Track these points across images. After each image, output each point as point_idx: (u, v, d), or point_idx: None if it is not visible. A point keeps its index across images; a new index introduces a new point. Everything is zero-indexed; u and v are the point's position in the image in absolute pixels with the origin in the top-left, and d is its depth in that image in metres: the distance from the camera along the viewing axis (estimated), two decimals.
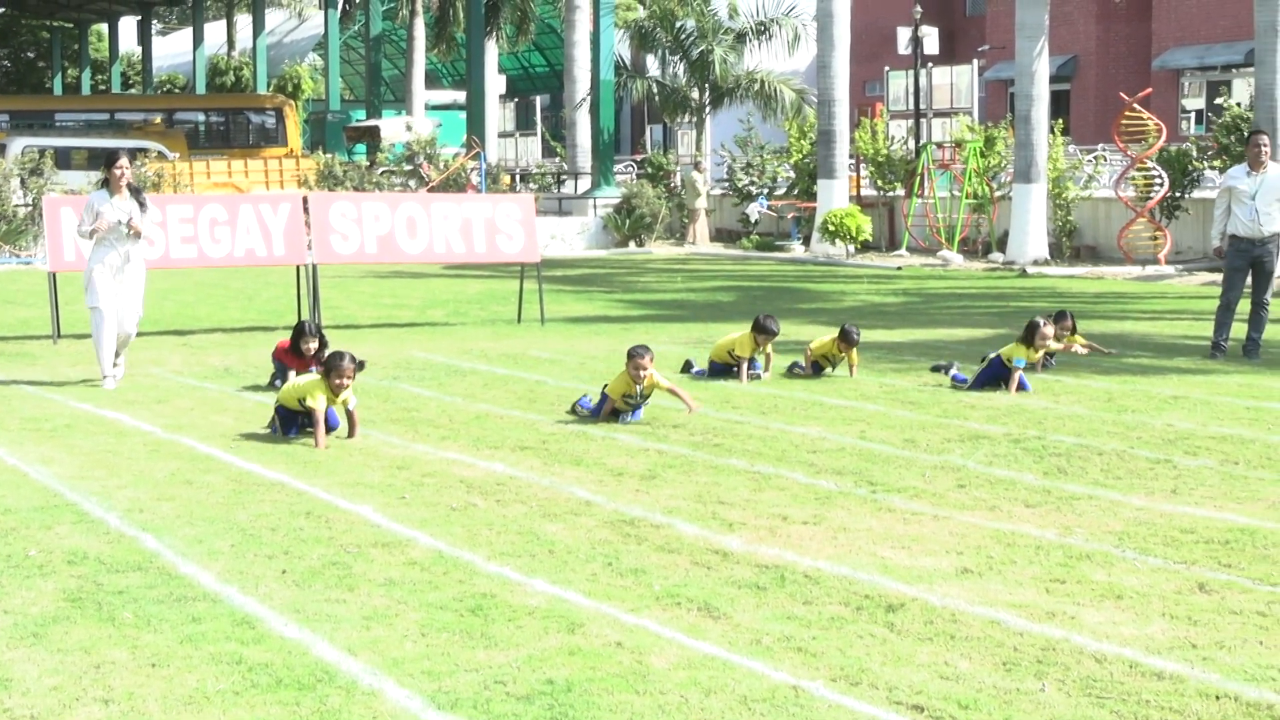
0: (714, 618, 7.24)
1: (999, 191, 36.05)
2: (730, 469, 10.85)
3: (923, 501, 9.76)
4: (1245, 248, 16.63)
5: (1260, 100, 29.20)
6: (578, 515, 9.40)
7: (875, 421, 12.81)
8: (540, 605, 7.43)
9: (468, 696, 6.18)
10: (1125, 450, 11.39)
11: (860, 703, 6.09)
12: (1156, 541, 8.65)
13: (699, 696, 6.15)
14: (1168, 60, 56.49)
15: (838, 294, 26.80)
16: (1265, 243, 16.57)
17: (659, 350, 17.63)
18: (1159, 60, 56.82)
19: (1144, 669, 6.44)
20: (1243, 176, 16.69)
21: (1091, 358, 16.63)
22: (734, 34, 47.40)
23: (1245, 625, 7.06)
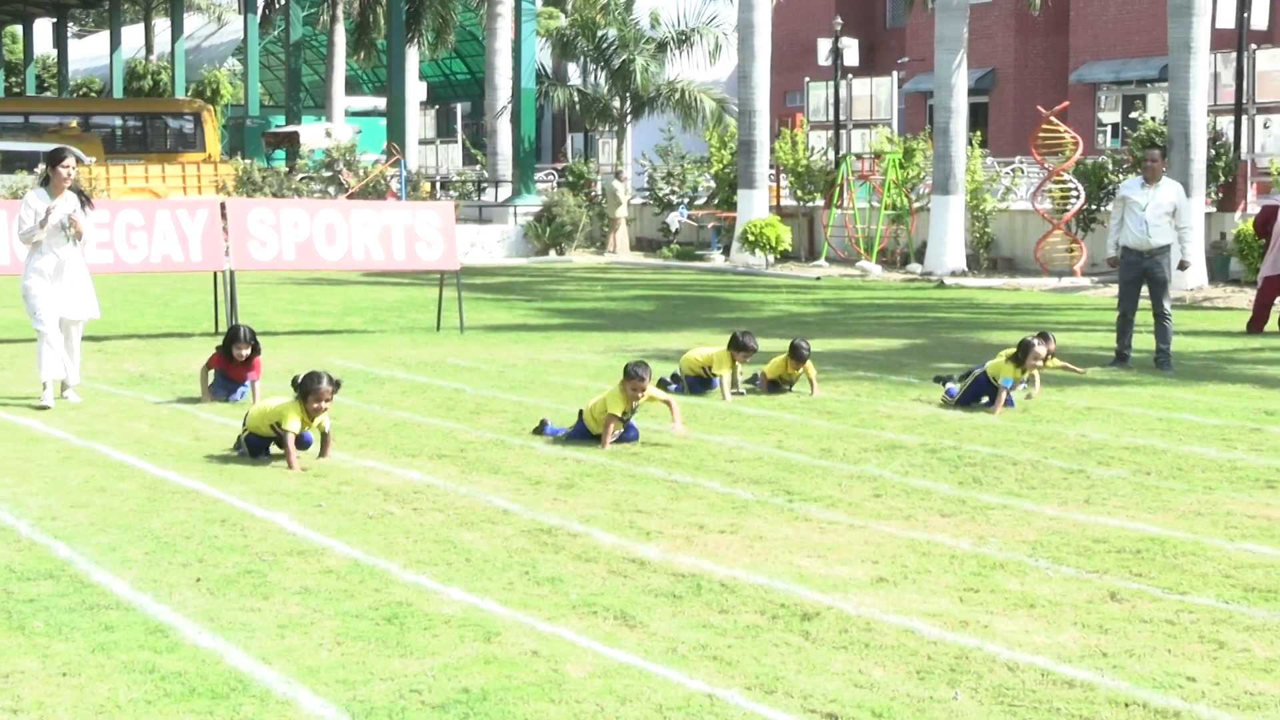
0: (630, 626, 7.25)
1: (917, 203, 36.24)
2: (648, 478, 10.86)
3: (839, 511, 9.80)
4: (1134, 259, 16.92)
5: (1174, 115, 29.51)
6: (495, 524, 9.39)
7: (792, 431, 12.86)
8: (456, 614, 7.42)
9: (383, 705, 6.16)
10: (1039, 460, 11.49)
11: (775, 711, 6.11)
12: (1069, 551, 8.73)
13: (615, 705, 6.16)
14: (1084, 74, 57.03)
15: (757, 304, 26.87)
16: (1154, 254, 16.82)
17: (579, 359, 17.67)
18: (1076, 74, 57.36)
19: (1055, 677, 6.50)
20: (1137, 188, 16.95)
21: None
22: (655, 43, 47.49)
23: (1155, 633, 7.14)
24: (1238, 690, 6.35)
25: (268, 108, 72.18)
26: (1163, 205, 16.75)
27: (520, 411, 13.84)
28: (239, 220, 20.15)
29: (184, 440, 12.24)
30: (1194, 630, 7.18)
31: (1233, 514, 9.68)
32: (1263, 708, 6.14)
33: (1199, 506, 9.92)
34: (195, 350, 17.85)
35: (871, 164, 37.47)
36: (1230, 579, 8.10)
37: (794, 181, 39.63)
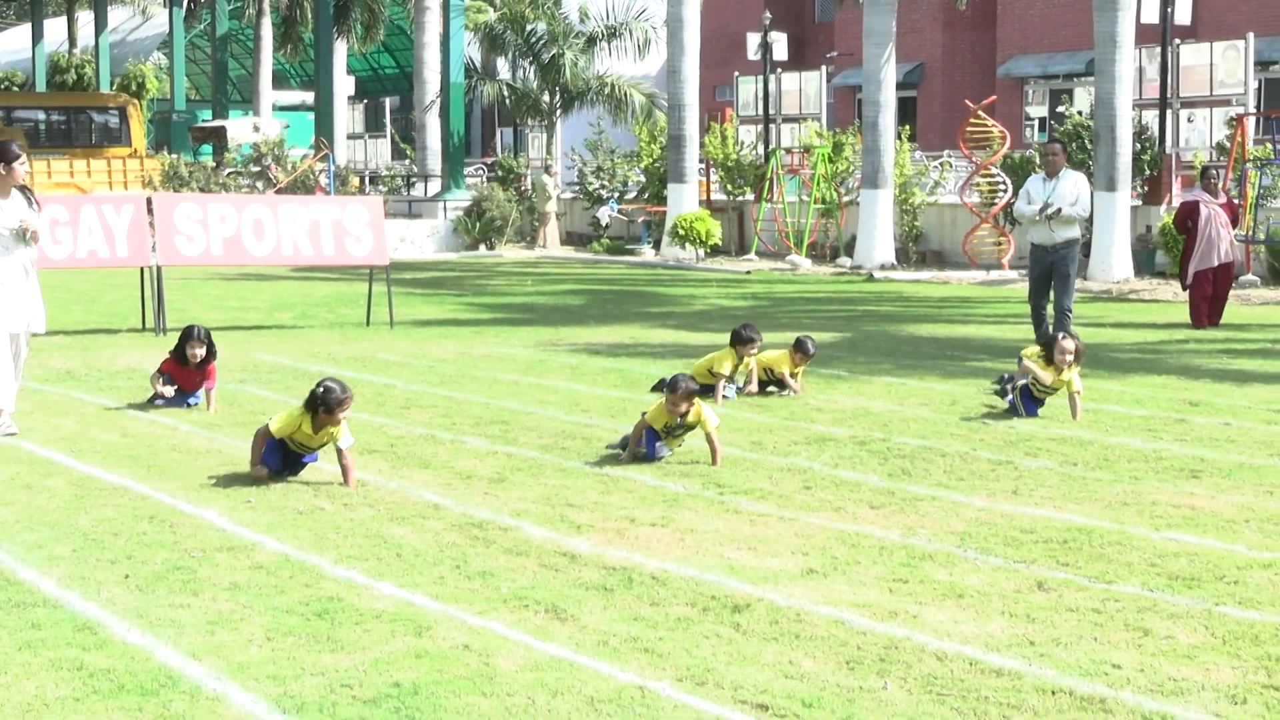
0: (561, 619, 7.27)
1: (847, 197, 36.39)
2: (579, 471, 10.88)
3: (769, 503, 9.85)
4: (1040, 255, 17.13)
5: (1100, 109, 29.76)
6: (425, 518, 9.39)
7: (723, 425, 12.85)
8: (387, 609, 7.41)
9: (313, 700, 6.16)
10: (968, 452, 11.58)
11: (706, 702, 6.14)
12: (997, 541, 8.81)
13: (546, 698, 6.18)
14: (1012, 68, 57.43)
15: (688, 298, 26.92)
16: (1059, 249, 17.02)
17: (509, 354, 17.66)
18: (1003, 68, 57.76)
19: (983, 666, 6.56)
20: (1039, 183, 17.18)
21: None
22: (585, 38, 47.40)
23: (1081, 622, 7.21)
24: (1162, 677, 6.43)
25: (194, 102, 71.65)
26: (1065, 198, 16.94)
27: (450, 406, 13.83)
28: (166, 216, 20.03)
29: (111, 437, 12.15)
30: (1119, 619, 7.27)
31: (1158, 504, 9.78)
32: (1186, 694, 6.22)
33: (1125, 497, 10.02)
34: (122, 347, 17.75)
35: (801, 158, 37.60)
36: (1155, 568, 8.20)
37: (724, 176, 39.73)
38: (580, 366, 16.78)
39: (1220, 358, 17.70)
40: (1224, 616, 7.30)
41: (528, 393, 14.77)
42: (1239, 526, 9.15)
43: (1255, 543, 8.75)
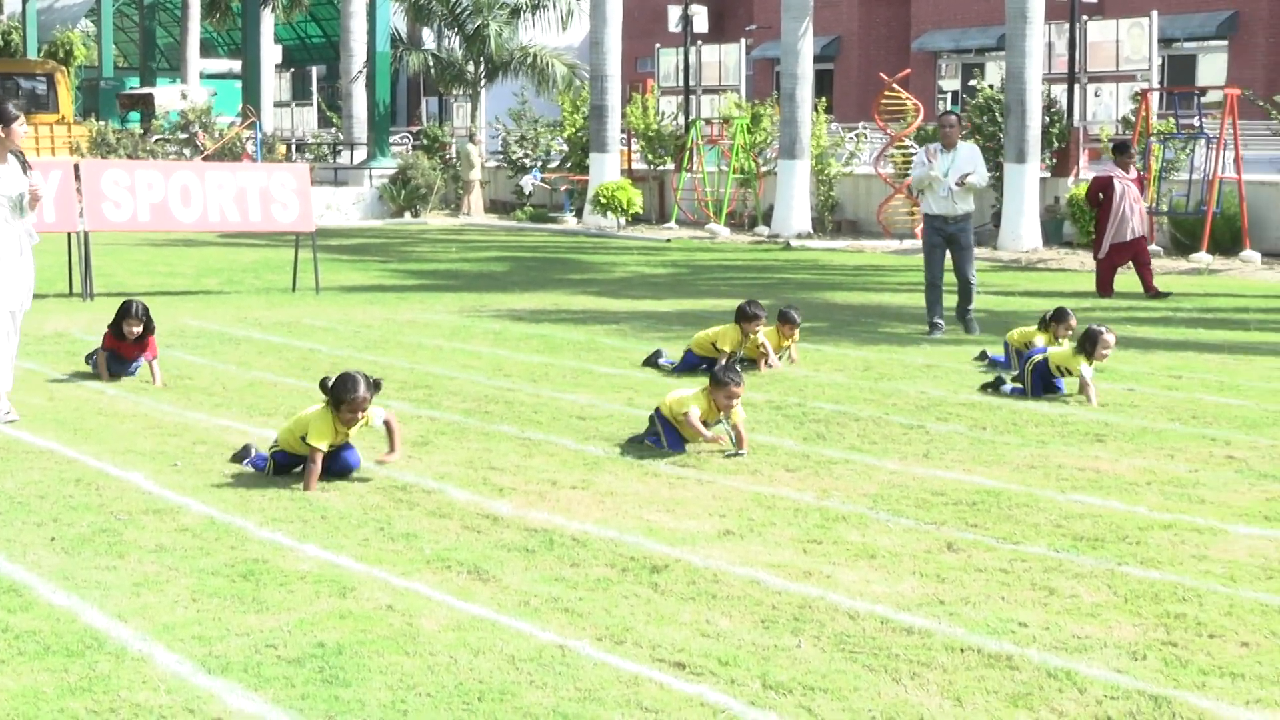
0: (483, 580, 7.25)
1: (765, 167, 36.43)
2: (501, 435, 10.85)
3: (687, 467, 9.86)
4: (940, 225, 16.63)
5: (1011, 83, 29.93)
6: (350, 481, 9.33)
7: (643, 389, 12.90)
8: (312, 570, 7.37)
9: (238, 660, 6.12)
10: (881, 416, 11.63)
11: (625, 661, 6.14)
12: (908, 503, 8.86)
13: (468, 657, 6.16)
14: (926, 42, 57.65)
15: (609, 265, 26.90)
16: (958, 220, 16.60)
17: (433, 320, 17.60)
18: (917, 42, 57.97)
19: (895, 624, 6.60)
20: (935, 151, 16.67)
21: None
22: (509, 9, 47.26)
23: (989, 582, 7.27)
24: (1066, 634, 6.49)
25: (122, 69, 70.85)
26: (963, 169, 16.51)
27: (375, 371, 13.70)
28: (93, 182, 19.81)
29: (39, 401, 12.01)
30: (1026, 578, 7.33)
31: (1064, 467, 9.87)
32: (1089, 650, 6.28)
33: (1032, 460, 10.10)
34: (49, 312, 17.53)
35: (720, 129, 37.62)
36: (1061, 529, 8.27)
37: (645, 146, 39.69)
38: (503, 332, 16.74)
39: (1124, 325, 17.84)
40: (1126, 576, 7.37)
41: (451, 357, 14.72)
42: (1141, 489, 9.24)
43: (1156, 504, 8.85)
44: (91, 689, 5.79)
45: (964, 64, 57.05)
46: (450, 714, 5.57)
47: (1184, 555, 7.76)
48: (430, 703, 5.69)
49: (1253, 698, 5.80)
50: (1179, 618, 6.73)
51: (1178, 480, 9.49)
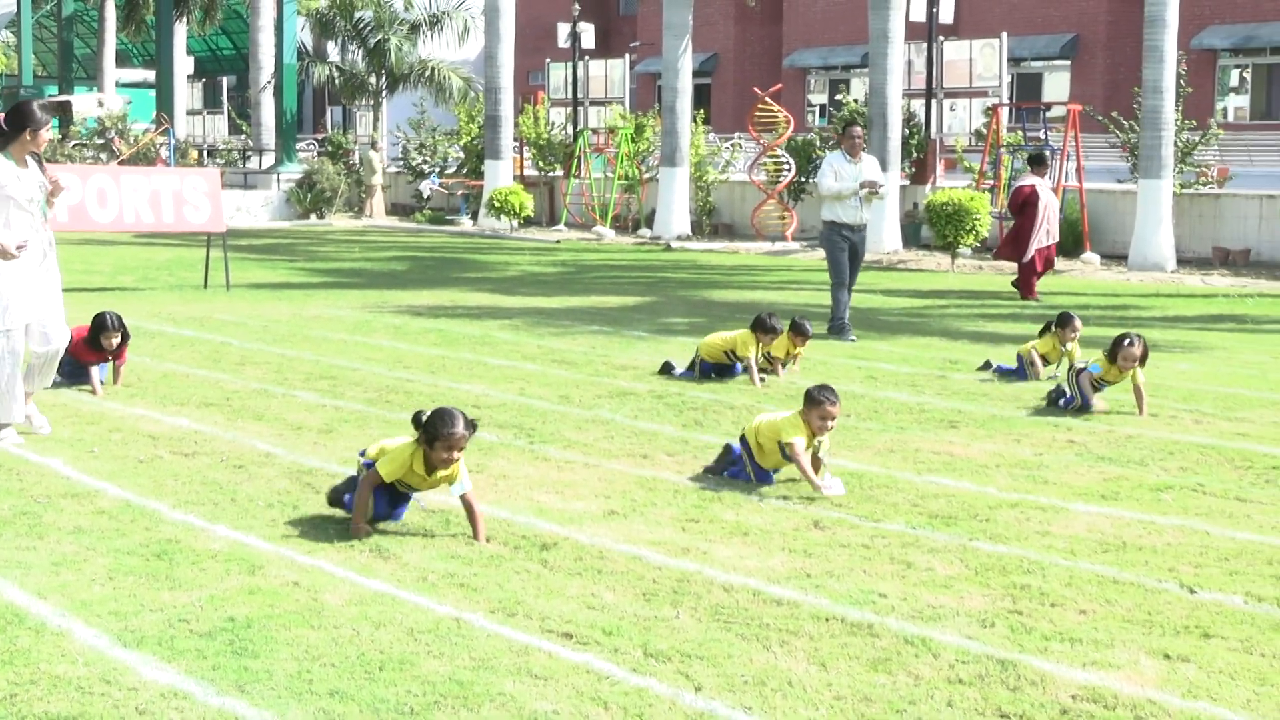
0: (384, 558, 7.22)
1: (647, 174, 36.49)
2: (401, 423, 10.73)
3: (575, 451, 9.87)
4: (847, 233, 16.00)
5: (874, 98, 30.19)
6: (259, 466, 9.26)
7: (534, 380, 12.90)
8: (223, 549, 7.31)
9: (153, 634, 6.05)
10: (753, 405, 11.68)
11: (516, 631, 6.15)
12: (779, 484, 8.91)
13: (369, 629, 6.14)
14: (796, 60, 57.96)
15: (502, 264, 26.83)
16: (861, 229, 16.13)
17: (338, 315, 17.46)
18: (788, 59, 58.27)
19: (765, 596, 6.65)
20: (844, 163, 15.96)
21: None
22: (409, 25, 46.95)
23: (852, 557, 7.34)
24: (922, 604, 6.57)
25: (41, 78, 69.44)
26: (872, 178, 16.04)
27: (282, 363, 13.64)
28: None
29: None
30: (886, 553, 7.41)
31: (920, 451, 9.98)
32: (943, 619, 6.37)
33: (891, 444, 10.20)
34: None
35: (606, 138, 37.62)
36: (918, 507, 8.37)
37: (536, 153, 39.61)
38: (403, 327, 16.66)
39: (977, 321, 18.10)
40: (977, 550, 7.48)
41: (354, 350, 14.63)
42: (991, 471, 9.37)
43: (1005, 485, 8.97)
44: (12, 662, 5.71)
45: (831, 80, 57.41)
46: (353, 683, 5.55)
47: (1029, 531, 7.88)
48: (334, 672, 5.66)
49: (1089, 660, 5.90)
50: (1024, 588, 6.84)
51: (1024, 463, 9.63)
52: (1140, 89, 26.89)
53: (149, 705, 5.32)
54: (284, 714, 5.26)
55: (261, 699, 5.40)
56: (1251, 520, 8.19)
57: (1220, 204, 27.89)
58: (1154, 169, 26.04)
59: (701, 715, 5.30)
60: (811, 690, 5.55)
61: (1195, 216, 27.84)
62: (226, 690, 5.47)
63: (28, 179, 9.73)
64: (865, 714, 5.33)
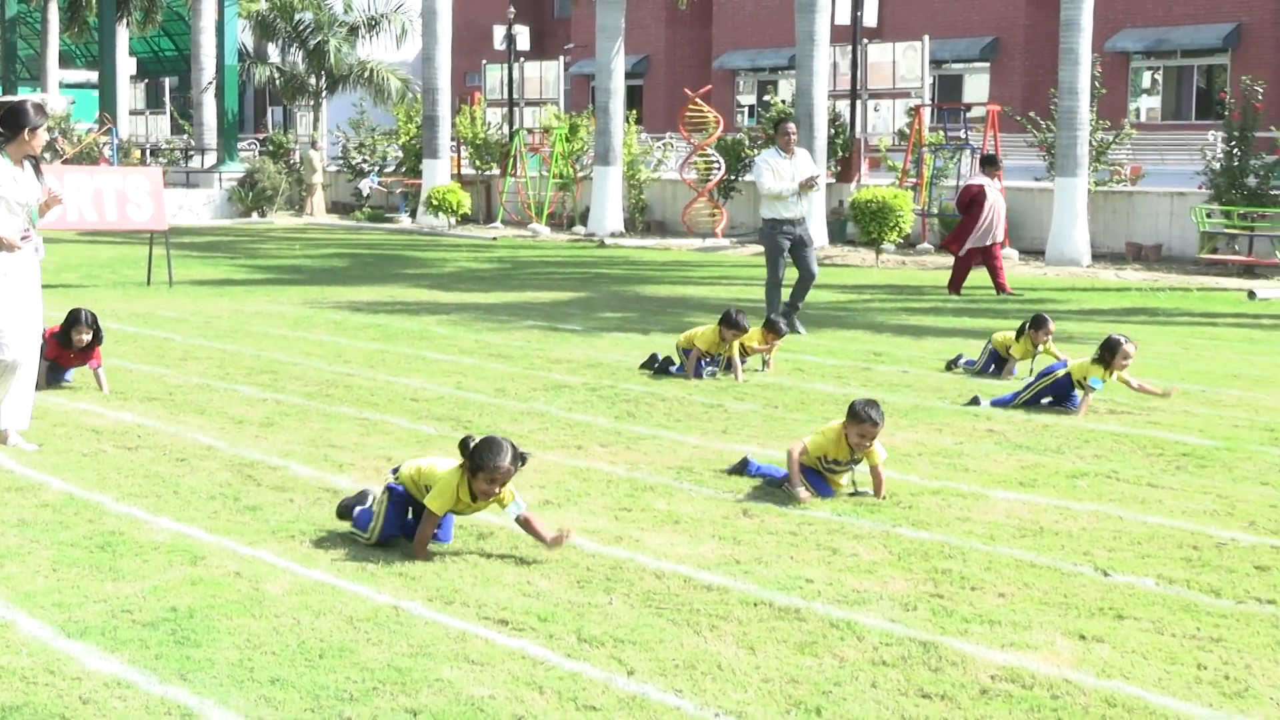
0: (324, 548, 7.18)
1: (581, 172, 36.47)
2: (341, 416, 10.75)
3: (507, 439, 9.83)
4: (789, 230, 15.66)
5: (800, 98, 30.29)
6: (201, 459, 9.19)
7: (471, 373, 12.86)
8: (165, 540, 7.24)
9: (96, 625, 6.00)
10: (684, 397, 11.71)
11: (453, 619, 6.13)
12: (709, 474, 8.93)
13: (310, 618, 6.11)
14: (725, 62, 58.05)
15: (440, 261, 26.74)
16: (801, 222, 15.80)
17: (279, 311, 17.35)
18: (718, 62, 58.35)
19: (696, 582, 6.65)
20: (779, 159, 15.57)
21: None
22: (348, 27, 46.74)
23: (780, 544, 7.36)
24: (847, 589, 6.60)
25: None
26: (807, 172, 15.75)
27: (224, 358, 13.54)
28: None
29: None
30: (812, 540, 7.43)
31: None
32: (867, 603, 6.40)
33: None
34: None
35: (541, 138, 37.58)
36: (844, 496, 8.40)
37: (473, 153, 39.53)
38: (343, 322, 16.58)
39: (900, 315, 18.20)
40: (900, 536, 7.52)
41: (295, 345, 14.54)
42: (914, 459, 9.42)
43: (927, 473, 9.02)
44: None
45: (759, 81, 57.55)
46: (294, 670, 5.52)
47: (950, 517, 7.93)
48: (275, 660, 5.63)
49: (1008, 641, 5.95)
50: (945, 573, 6.88)
51: (945, 451, 9.69)
52: (1056, 90, 27.12)
53: (92, 695, 5.27)
54: (226, 702, 5.22)
55: (204, 687, 5.35)
56: (1163, 505, 8.28)
57: (1133, 201, 28.18)
58: (1070, 167, 26.27)
59: (634, 699, 5.31)
60: (740, 673, 5.57)
61: (1109, 213, 28.11)
62: (169, 679, 5.42)
63: (24, 181, 9.17)
64: (792, 695, 5.35)
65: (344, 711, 5.14)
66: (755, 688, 5.43)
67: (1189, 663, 5.74)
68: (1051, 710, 5.24)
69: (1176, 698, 5.39)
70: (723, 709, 5.22)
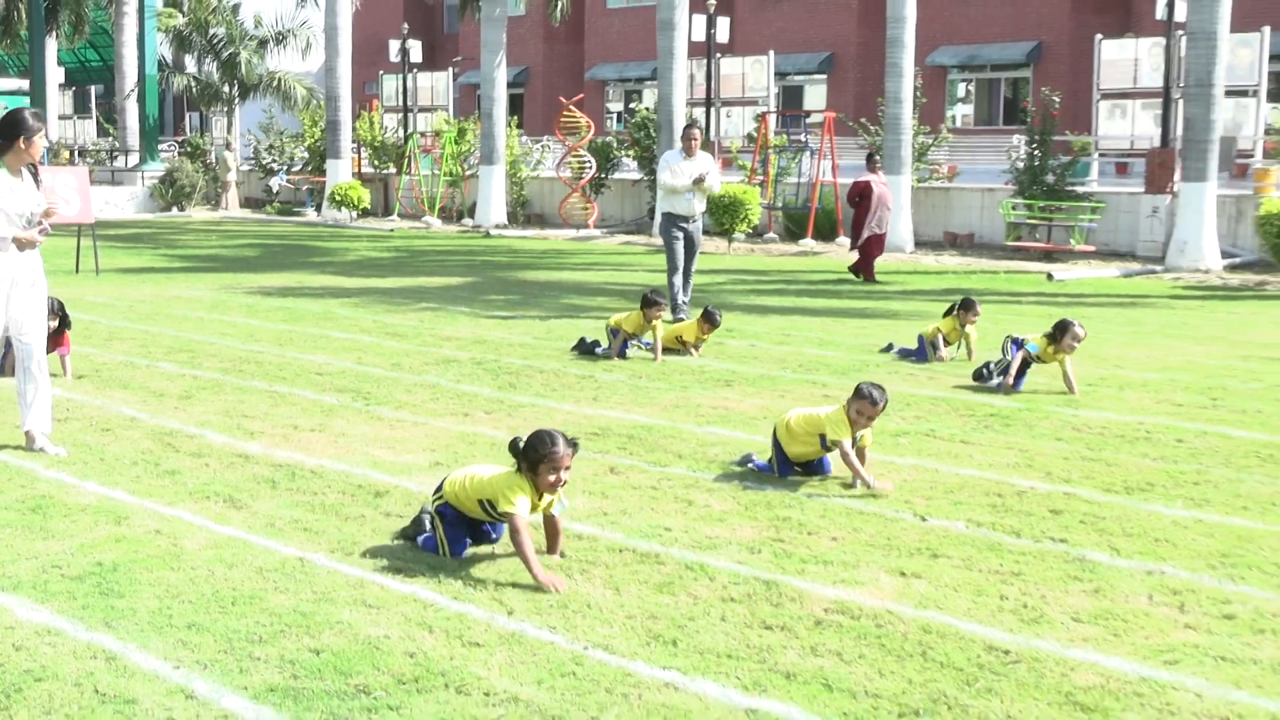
0: (237, 507, 7.09)
1: (469, 171, 36.20)
2: (253, 389, 10.60)
3: (405, 411, 9.78)
4: (682, 225, 15.02)
5: (662, 106, 30.28)
6: (125, 429, 9.02)
7: (370, 350, 12.74)
8: (91, 503, 7.11)
9: (28, 579, 5.87)
10: (560, 369, 11.70)
11: (353, 568, 6.09)
12: (581, 435, 8.85)
13: (223, 570, 6.03)
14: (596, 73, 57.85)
15: (343, 250, 26.41)
16: (694, 220, 15.11)
17: (196, 295, 17.03)
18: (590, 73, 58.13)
19: (568, 532, 6.61)
20: (680, 160, 14.93)
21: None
22: (258, 40, 45.92)
23: (642, 497, 7.39)
24: (701, 536, 6.64)
25: None
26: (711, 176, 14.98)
27: (146, 338, 13.28)
28: None
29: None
30: (671, 493, 7.47)
31: (701, 406, 10.07)
32: (718, 548, 6.44)
33: (676, 401, 10.28)
34: None
35: (433, 140, 37.22)
36: (699, 454, 8.45)
37: (372, 153, 39.04)
38: (255, 305, 16.33)
39: (749, 295, 18.30)
40: (746, 489, 7.58)
41: (211, 326, 14.30)
42: (760, 422, 9.49)
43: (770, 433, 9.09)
44: None
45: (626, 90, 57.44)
46: (208, 616, 5.45)
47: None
48: (191, 608, 5.55)
49: (839, 579, 6.03)
50: (785, 520, 6.96)
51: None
52: (884, 99, 27.40)
53: (24, 642, 5.16)
54: (146, 645, 5.14)
55: (127, 633, 5.27)
56: (973, 459, 8.43)
57: (950, 196, 28.58)
58: (895, 166, 26.56)
59: (513, 635, 5.31)
60: (607, 611, 5.59)
61: (930, 206, 28.48)
62: (95, 627, 5.33)
63: (21, 191, 8.32)
64: (652, 629, 5.39)
65: (254, 652, 5.09)
66: (620, 623, 5.46)
67: (993, 594, 5.86)
68: (876, 638, 5.33)
69: (982, 624, 5.50)
70: (591, 642, 5.24)
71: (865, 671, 4.99)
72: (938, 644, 5.27)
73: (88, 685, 4.78)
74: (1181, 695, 4.83)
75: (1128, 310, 16.99)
